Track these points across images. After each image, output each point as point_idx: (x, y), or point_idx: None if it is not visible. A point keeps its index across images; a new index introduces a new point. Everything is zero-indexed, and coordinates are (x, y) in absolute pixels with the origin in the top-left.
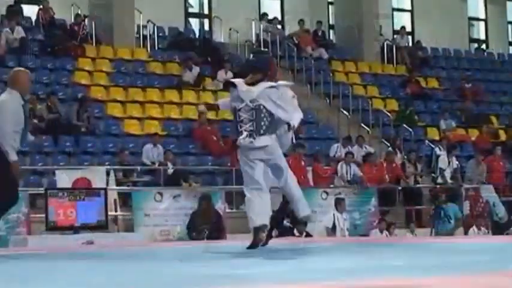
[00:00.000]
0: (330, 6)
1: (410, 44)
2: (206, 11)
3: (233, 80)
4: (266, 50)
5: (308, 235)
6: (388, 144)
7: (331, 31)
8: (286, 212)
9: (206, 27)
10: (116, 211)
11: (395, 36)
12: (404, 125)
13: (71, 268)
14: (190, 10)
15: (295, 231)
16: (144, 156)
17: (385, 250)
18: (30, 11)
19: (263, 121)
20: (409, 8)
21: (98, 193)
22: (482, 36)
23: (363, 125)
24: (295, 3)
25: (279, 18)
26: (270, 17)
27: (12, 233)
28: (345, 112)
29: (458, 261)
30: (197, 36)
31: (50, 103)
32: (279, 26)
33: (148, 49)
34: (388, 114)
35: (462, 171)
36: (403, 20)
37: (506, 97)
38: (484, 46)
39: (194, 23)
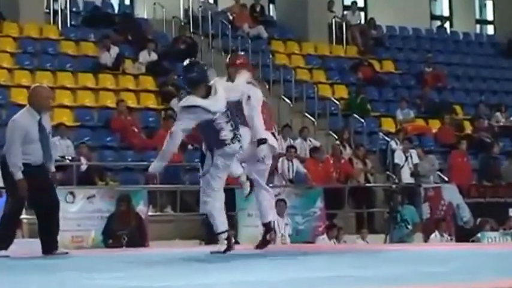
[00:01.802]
0: None
1: (363, 22)
2: None
3: (191, 99)
4: (195, 60)
5: (235, 242)
6: (337, 137)
7: (271, 6)
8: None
9: (127, 1)
10: None
11: (345, 12)
12: (355, 115)
13: None
14: None
15: None
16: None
17: (331, 259)
18: None
19: (237, 115)
20: None
21: None
22: (446, 13)
23: (307, 114)
24: None
25: None
26: None
27: None
28: (286, 100)
29: (413, 272)
30: (116, 11)
31: None
32: (211, 0)
33: (60, 26)
34: (337, 102)
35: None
36: None
37: (472, 83)
38: (447, 24)
39: None
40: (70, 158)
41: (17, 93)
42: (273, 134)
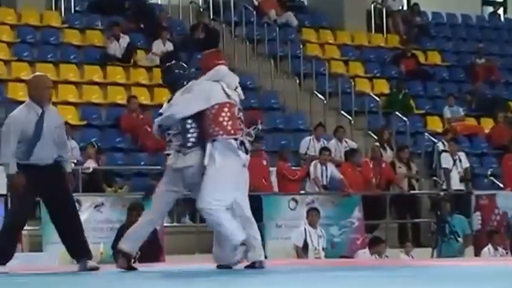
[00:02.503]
0: None
1: (406, 8)
2: None
3: None
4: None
5: None
6: (376, 138)
7: None
8: None
9: None
10: None
11: None
12: (397, 113)
13: None
14: None
15: None
16: None
17: (369, 276)
18: None
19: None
20: None
21: None
22: None
23: (343, 112)
24: None
25: None
26: None
27: None
28: (319, 96)
29: None
30: None
31: None
32: None
33: (63, 13)
34: (376, 98)
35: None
36: None
37: None
38: (501, 10)
39: None
40: (75, 161)
41: (15, 88)
42: (241, 141)
